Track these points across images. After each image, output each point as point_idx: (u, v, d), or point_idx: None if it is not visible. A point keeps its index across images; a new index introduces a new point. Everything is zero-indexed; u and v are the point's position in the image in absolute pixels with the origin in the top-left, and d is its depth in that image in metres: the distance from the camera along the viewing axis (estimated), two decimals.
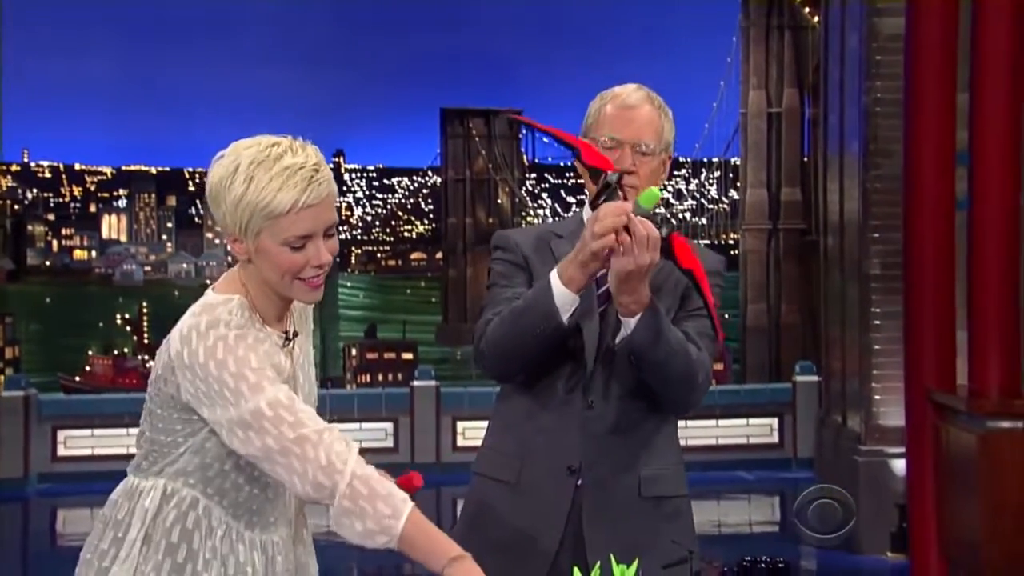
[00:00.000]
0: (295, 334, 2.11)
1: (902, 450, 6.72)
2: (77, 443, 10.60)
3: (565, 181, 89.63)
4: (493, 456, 2.48)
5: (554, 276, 2.29)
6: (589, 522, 2.38)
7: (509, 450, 2.45)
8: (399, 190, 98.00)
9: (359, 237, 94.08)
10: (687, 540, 2.44)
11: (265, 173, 1.94)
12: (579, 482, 2.39)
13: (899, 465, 6.95)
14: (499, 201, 77.71)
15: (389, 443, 10.66)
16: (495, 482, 2.46)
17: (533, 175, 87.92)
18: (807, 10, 41.11)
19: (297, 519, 2.17)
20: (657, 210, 2.26)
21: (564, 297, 2.28)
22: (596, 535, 2.37)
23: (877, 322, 7.43)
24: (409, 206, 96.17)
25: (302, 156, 1.96)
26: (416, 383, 11.09)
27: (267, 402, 1.94)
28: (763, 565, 2.07)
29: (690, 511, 2.52)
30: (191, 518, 2.04)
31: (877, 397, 7.46)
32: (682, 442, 2.58)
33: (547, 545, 2.37)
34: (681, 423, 2.58)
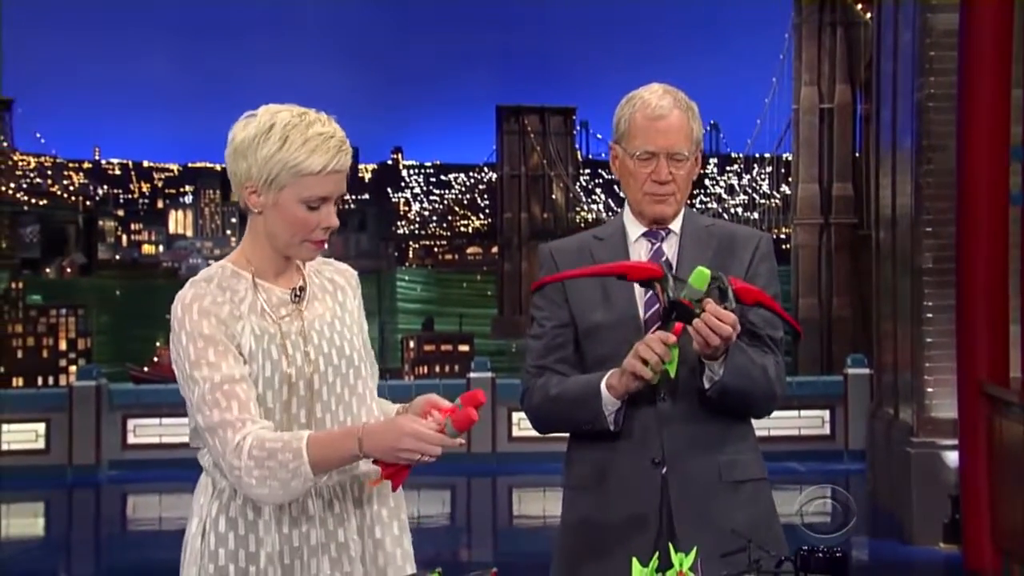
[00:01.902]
0: (302, 289, 2.21)
1: (954, 442, 6.75)
2: (146, 431, 10.86)
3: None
4: (577, 467, 2.55)
5: (603, 383, 2.42)
6: (677, 510, 2.44)
7: (591, 457, 2.51)
8: (455, 186, 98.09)
9: (416, 232, 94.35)
10: (767, 522, 2.50)
11: (300, 136, 2.11)
12: (664, 471, 2.45)
13: (951, 457, 6.96)
14: (553, 196, 77.62)
15: None
16: (584, 490, 2.52)
17: (587, 171, 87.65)
18: (859, 6, 40.66)
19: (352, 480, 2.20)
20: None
21: (609, 402, 2.43)
22: (684, 523, 2.43)
23: (929, 315, 7.42)
24: (465, 201, 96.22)
25: (330, 127, 2.15)
26: (472, 374, 11.27)
27: (202, 378, 2.08)
28: (820, 555, 2.12)
29: (768, 492, 2.56)
30: (233, 508, 2.15)
31: (929, 390, 7.46)
32: None
33: (645, 540, 2.42)
34: None
